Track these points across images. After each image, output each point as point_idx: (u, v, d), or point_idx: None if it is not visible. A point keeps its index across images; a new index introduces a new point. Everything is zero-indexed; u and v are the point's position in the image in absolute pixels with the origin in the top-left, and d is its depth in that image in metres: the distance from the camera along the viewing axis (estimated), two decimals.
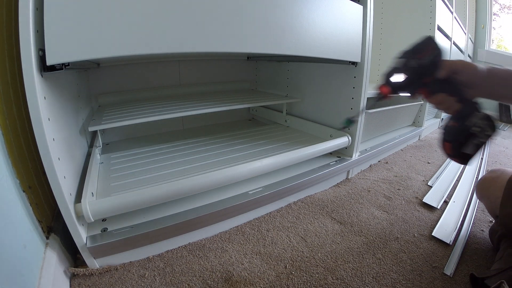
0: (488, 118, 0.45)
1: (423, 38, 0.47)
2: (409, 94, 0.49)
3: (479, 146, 0.45)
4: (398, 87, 0.48)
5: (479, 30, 2.59)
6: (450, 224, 0.68)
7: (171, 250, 0.57)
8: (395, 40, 1.57)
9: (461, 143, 0.45)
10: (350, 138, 0.85)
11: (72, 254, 0.52)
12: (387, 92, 0.49)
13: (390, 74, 0.49)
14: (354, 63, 0.82)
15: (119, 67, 0.96)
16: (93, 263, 0.50)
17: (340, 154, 0.90)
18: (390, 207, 0.76)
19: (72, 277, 0.48)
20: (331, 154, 0.90)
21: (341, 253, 0.57)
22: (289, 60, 1.08)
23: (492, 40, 2.58)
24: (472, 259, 0.57)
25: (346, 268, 0.53)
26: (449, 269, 0.53)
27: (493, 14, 2.52)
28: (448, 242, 0.61)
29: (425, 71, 0.47)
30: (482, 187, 0.62)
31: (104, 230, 0.52)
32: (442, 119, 1.79)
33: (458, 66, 0.46)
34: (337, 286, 0.49)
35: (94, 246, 0.48)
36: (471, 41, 2.48)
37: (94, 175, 0.60)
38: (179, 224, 0.54)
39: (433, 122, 1.64)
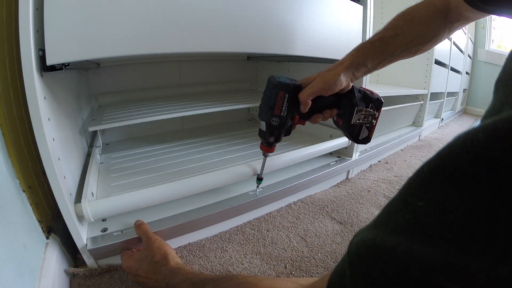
0: (367, 105, 0.49)
1: (269, 86, 0.48)
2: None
3: (371, 126, 0.50)
4: (275, 140, 0.52)
5: (479, 30, 2.59)
6: None
7: None
8: None
9: (357, 133, 0.50)
10: None
11: (72, 254, 0.52)
12: (268, 150, 0.55)
13: (262, 136, 0.53)
14: None
15: (119, 67, 0.95)
16: (93, 263, 0.50)
17: (340, 154, 0.90)
18: None
19: (72, 277, 0.48)
20: (331, 154, 0.90)
21: (341, 253, 0.57)
22: (289, 60, 1.08)
23: (492, 40, 2.58)
24: None
25: None
26: None
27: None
28: None
29: (290, 116, 0.49)
30: None
31: (104, 230, 0.52)
32: (442, 119, 1.79)
33: (316, 90, 0.45)
34: None
35: (94, 247, 0.47)
36: (471, 41, 2.48)
37: (94, 175, 0.60)
38: (179, 224, 0.54)
39: (433, 122, 1.64)
